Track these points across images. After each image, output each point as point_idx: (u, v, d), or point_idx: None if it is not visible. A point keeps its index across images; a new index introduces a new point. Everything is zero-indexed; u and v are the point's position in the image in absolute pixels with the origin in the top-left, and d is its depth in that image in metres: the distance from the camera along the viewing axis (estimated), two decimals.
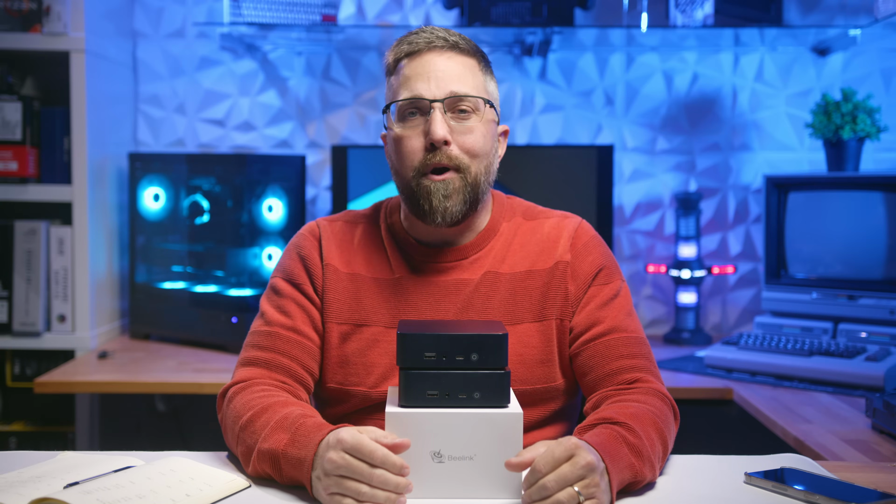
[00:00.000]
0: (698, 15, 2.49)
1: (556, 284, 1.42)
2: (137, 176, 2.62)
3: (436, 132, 1.33)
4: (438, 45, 1.38)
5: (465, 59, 1.39)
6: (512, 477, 1.14)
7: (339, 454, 1.10)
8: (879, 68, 2.75)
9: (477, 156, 1.37)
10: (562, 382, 1.41)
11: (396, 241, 1.46)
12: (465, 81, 1.37)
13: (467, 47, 1.40)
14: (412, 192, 1.37)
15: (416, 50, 1.38)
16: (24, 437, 2.53)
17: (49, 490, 1.11)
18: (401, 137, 1.37)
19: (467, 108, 1.37)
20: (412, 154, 1.36)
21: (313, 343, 1.41)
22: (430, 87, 1.35)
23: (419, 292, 1.41)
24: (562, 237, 1.45)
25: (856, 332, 2.28)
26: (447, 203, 1.35)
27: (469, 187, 1.37)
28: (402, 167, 1.38)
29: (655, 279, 2.84)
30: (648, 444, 1.20)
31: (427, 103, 1.35)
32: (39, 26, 2.40)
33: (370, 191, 2.60)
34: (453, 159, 1.35)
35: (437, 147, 1.34)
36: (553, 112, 2.80)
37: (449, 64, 1.37)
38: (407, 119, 1.37)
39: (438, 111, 1.34)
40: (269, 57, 2.82)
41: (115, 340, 2.62)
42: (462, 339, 1.15)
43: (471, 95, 1.37)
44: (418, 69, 1.37)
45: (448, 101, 1.35)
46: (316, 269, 1.44)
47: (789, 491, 1.17)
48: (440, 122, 1.34)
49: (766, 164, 2.79)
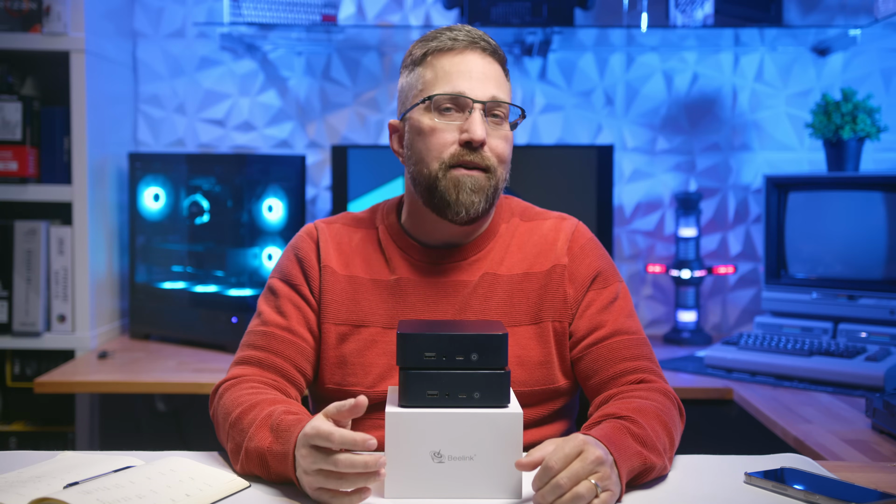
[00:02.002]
0: (698, 15, 2.49)
1: (554, 287, 1.42)
2: (137, 176, 2.62)
3: (477, 132, 1.35)
4: (480, 47, 1.40)
5: (498, 66, 1.41)
6: (512, 477, 1.14)
7: (306, 448, 1.11)
8: (879, 68, 2.75)
9: (504, 161, 1.40)
10: (563, 384, 1.42)
11: (395, 243, 1.46)
12: (502, 88, 1.40)
13: (502, 55, 1.43)
14: (436, 181, 1.37)
15: (456, 47, 1.39)
16: (24, 437, 2.53)
17: (49, 490, 1.11)
18: (434, 129, 1.37)
19: (500, 115, 1.39)
20: (443, 147, 1.37)
21: (307, 344, 1.42)
22: (474, 86, 1.37)
23: (417, 293, 1.42)
24: (559, 239, 1.45)
25: (856, 332, 2.28)
26: (474, 197, 1.37)
27: (492, 188, 1.39)
28: (427, 158, 1.38)
29: (655, 279, 2.84)
30: (653, 434, 1.21)
31: (470, 102, 1.36)
32: (39, 26, 2.40)
33: (370, 191, 2.60)
34: (486, 160, 1.37)
35: (474, 147, 1.36)
36: (553, 112, 2.80)
37: (489, 68, 1.39)
38: (443, 113, 1.38)
39: (480, 112, 1.36)
40: (269, 57, 2.82)
41: (115, 340, 2.62)
42: (462, 339, 1.15)
43: (509, 103, 1.39)
44: (460, 66, 1.38)
45: (489, 105, 1.37)
46: (313, 271, 1.44)
47: (789, 491, 1.17)
48: (482, 123, 1.36)
49: (766, 164, 2.79)
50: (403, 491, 1.14)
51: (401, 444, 1.14)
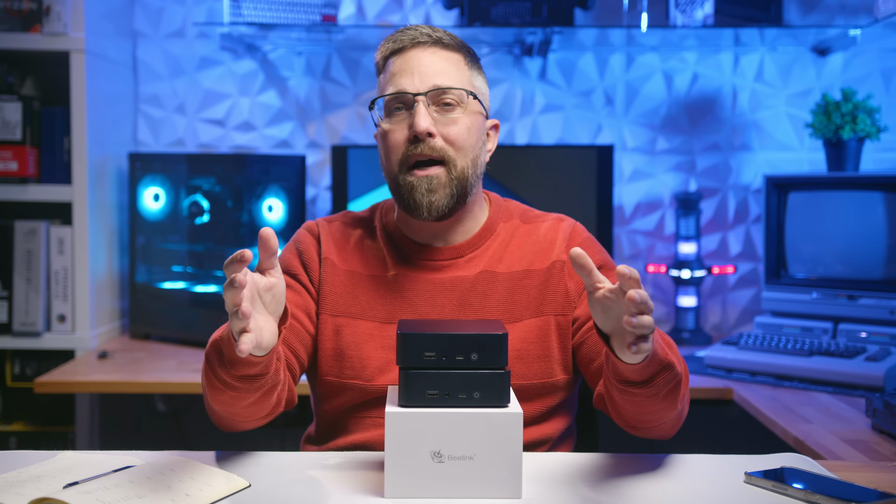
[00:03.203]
0: (698, 15, 2.49)
1: (555, 282, 1.43)
2: (137, 176, 2.62)
3: (419, 124, 1.35)
4: (422, 41, 1.40)
5: (449, 53, 1.41)
6: (512, 477, 1.14)
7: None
8: (879, 68, 2.75)
9: (462, 148, 1.38)
10: (561, 378, 1.42)
11: (392, 240, 1.47)
12: (448, 75, 1.39)
13: (452, 42, 1.42)
14: (398, 186, 1.39)
15: (401, 47, 1.40)
16: (24, 437, 2.53)
17: (49, 490, 1.11)
18: (386, 132, 1.39)
19: (452, 102, 1.38)
20: (397, 147, 1.38)
21: (303, 327, 1.42)
22: (414, 81, 1.37)
23: (415, 289, 1.42)
24: (557, 238, 1.47)
25: (856, 332, 2.28)
26: (431, 197, 1.37)
27: (455, 181, 1.38)
28: (388, 161, 1.41)
29: (655, 279, 2.84)
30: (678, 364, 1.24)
31: (411, 97, 1.37)
32: (39, 26, 2.40)
33: (370, 191, 2.60)
34: (437, 151, 1.37)
35: (420, 139, 1.36)
36: (553, 112, 2.80)
37: (433, 59, 1.39)
38: (393, 114, 1.39)
39: (422, 104, 1.36)
40: (269, 57, 2.82)
41: (115, 340, 2.62)
42: (462, 339, 1.15)
43: (454, 88, 1.38)
44: (403, 65, 1.39)
45: (432, 95, 1.37)
46: (313, 263, 1.46)
47: (789, 490, 1.17)
48: (423, 114, 1.35)
49: (766, 164, 2.79)
50: (403, 491, 1.14)
51: (401, 443, 1.14)
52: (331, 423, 1.45)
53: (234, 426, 1.34)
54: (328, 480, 1.22)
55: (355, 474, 1.24)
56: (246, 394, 1.22)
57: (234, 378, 1.19)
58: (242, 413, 1.28)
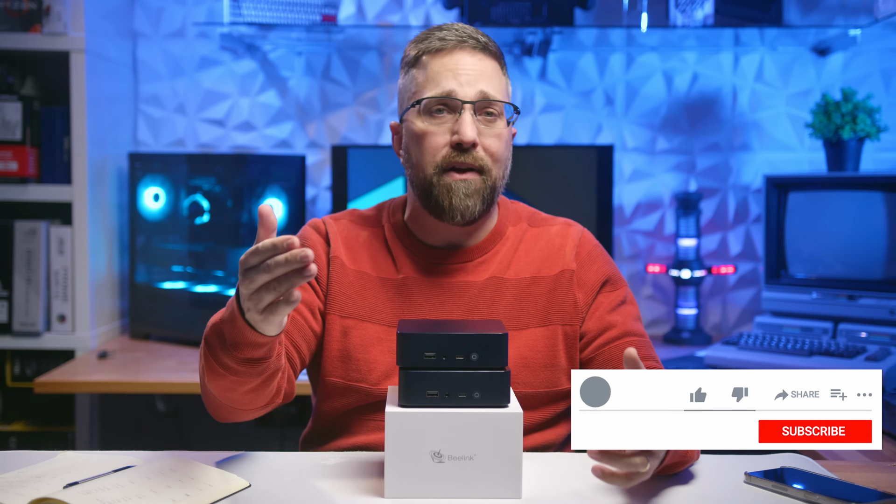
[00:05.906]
0: (698, 15, 2.49)
1: (563, 291, 1.43)
2: (137, 176, 2.62)
3: (467, 133, 1.34)
4: (470, 45, 1.38)
5: (492, 61, 1.40)
6: (512, 477, 1.14)
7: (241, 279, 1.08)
8: (879, 68, 2.75)
9: (499, 160, 1.38)
10: (567, 387, 1.42)
11: (400, 242, 1.46)
12: (493, 84, 1.38)
13: (495, 50, 1.41)
14: (431, 187, 1.37)
15: (444, 47, 1.38)
16: (24, 437, 2.53)
17: (49, 490, 1.11)
18: (425, 133, 1.37)
19: (494, 112, 1.38)
20: (435, 150, 1.37)
21: (307, 323, 1.40)
22: (462, 86, 1.36)
23: (423, 293, 1.42)
24: (566, 245, 1.46)
25: (856, 332, 2.28)
26: (468, 202, 1.36)
27: (488, 189, 1.38)
28: (422, 162, 1.38)
29: (655, 279, 2.84)
30: None
31: (458, 103, 1.35)
32: (39, 26, 2.40)
33: (370, 191, 2.60)
34: (478, 160, 1.36)
35: (465, 148, 1.35)
36: (553, 112, 2.80)
37: (479, 65, 1.38)
38: (434, 115, 1.37)
39: (469, 112, 1.35)
40: (269, 57, 2.82)
41: (115, 340, 2.62)
42: (462, 339, 1.15)
43: (501, 101, 1.38)
44: (448, 66, 1.37)
45: (479, 104, 1.36)
46: (321, 262, 1.44)
47: (789, 490, 1.17)
48: (471, 123, 1.35)
49: (766, 164, 2.79)
50: (403, 491, 1.14)
51: (401, 443, 1.14)
52: (331, 424, 1.45)
53: (231, 415, 1.30)
54: (328, 480, 1.22)
55: (355, 474, 1.24)
56: (247, 378, 1.19)
57: (236, 361, 1.16)
58: (241, 400, 1.25)
